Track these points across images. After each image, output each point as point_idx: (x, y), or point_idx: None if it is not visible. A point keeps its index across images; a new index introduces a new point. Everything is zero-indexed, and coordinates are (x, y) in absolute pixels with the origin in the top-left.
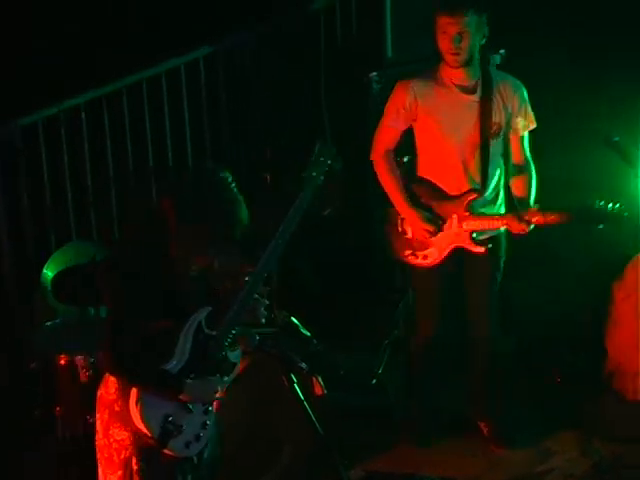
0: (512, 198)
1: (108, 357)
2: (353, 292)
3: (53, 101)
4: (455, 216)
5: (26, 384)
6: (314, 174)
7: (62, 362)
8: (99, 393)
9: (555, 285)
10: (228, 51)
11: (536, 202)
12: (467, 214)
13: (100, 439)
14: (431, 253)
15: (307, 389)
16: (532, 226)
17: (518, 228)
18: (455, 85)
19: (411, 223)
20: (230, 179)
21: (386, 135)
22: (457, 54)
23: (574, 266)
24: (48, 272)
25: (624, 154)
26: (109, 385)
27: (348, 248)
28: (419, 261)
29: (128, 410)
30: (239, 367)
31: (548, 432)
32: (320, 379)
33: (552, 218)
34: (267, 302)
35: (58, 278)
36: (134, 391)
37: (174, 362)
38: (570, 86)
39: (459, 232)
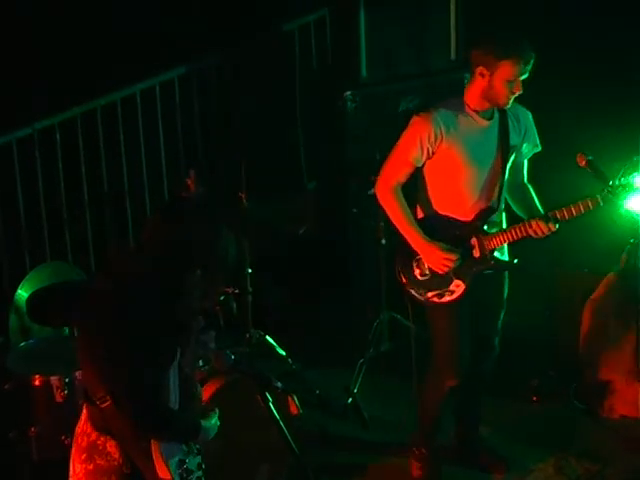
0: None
1: (139, 409)
2: (328, 311)
3: (27, 122)
4: (474, 239)
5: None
6: None
7: (37, 383)
8: (91, 465)
9: (528, 303)
10: (203, 71)
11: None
12: (485, 234)
13: None
14: (457, 286)
15: (282, 408)
16: (557, 225)
17: (545, 229)
18: (476, 112)
19: (429, 257)
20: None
21: (403, 170)
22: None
23: (547, 285)
24: (22, 292)
25: (598, 173)
26: (110, 451)
27: (323, 265)
28: (446, 299)
29: (148, 466)
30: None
31: (524, 450)
32: (295, 398)
33: (578, 208)
34: (214, 332)
35: (32, 298)
36: (155, 443)
37: (171, 403)
38: (558, 109)
39: (481, 255)
